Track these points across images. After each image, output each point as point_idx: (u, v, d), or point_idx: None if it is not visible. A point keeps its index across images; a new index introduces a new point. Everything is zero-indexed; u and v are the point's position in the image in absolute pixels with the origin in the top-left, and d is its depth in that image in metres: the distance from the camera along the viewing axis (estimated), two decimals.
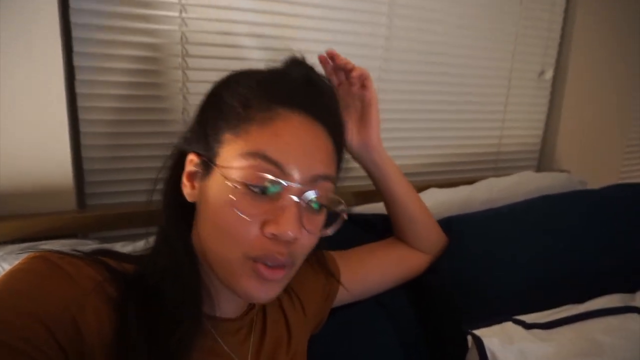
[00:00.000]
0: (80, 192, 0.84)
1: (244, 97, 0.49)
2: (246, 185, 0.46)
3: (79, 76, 0.79)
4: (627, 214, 1.03)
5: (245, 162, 0.46)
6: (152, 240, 0.55)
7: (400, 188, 0.78)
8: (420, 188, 1.10)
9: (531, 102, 1.35)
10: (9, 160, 0.74)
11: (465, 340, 0.72)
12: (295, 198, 0.47)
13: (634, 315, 0.78)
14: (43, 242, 0.72)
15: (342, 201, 0.52)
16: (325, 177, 0.50)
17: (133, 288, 0.47)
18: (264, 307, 0.62)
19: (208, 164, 0.49)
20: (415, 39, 1.12)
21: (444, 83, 1.19)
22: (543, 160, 1.40)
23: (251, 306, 0.60)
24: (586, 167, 1.41)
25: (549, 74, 1.32)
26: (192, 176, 0.52)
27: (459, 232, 0.89)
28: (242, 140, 0.47)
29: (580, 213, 1.01)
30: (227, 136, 0.49)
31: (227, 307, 0.55)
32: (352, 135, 0.75)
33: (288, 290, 0.66)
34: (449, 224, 0.91)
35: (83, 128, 0.82)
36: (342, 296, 0.73)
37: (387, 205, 0.81)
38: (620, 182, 1.14)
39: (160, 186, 0.56)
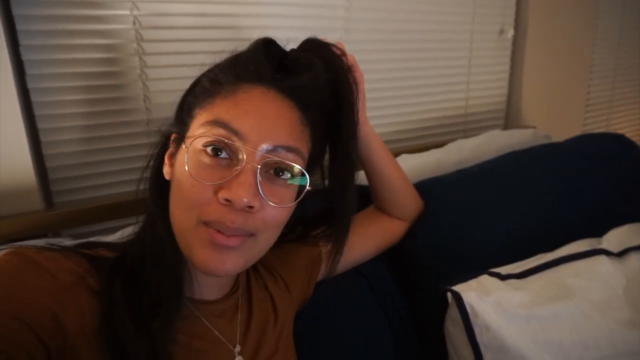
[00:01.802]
0: (46, 191, 0.82)
1: (214, 75, 0.52)
2: (203, 151, 0.47)
3: (30, 71, 0.76)
4: (590, 163, 1.07)
5: (204, 130, 0.48)
6: (136, 227, 0.56)
7: (382, 159, 0.78)
8: (396, 154, 1.11)
9: (494, 62, 1.37)
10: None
11: (445, 298, 0.75)
12: (252, 164, 0.47)
13: (602, 257, 0.82)
14: (13, 243, 0.71)
15: (306, 174, 0.51)
16: (288, 148, 0.49)
17: (114, 274, 0.47)
18: (249, 288, 0.62)
19: (179, 139, 0.52)
20: (375, 7, 1.11)
21: (407, 50, 1.19)
22: (509, 118, 1.43)
23: (235, 287, 0.60)
24: (551, 122, 1.44)
25: (510, 33, 1.34)
26: (170, 155, 0.54)
27: (431, 196, 0.91)
28: (206, 111, 0.50)
29: (546, 167, 1.04)
30: (196, 111, 0.51)
31: (211, 290, 0.56)
32: None
33: (271, 270, 0.67)
34: (421, 188, 0.92)
35: (40, 124, 0.79)
36: (324, 271, 0.74)
37: (368, 176, 0.81)
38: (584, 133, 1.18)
39: (147, 173, 0.57)
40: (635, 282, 0.78)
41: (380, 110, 1.19)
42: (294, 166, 0.50)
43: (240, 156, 0.47)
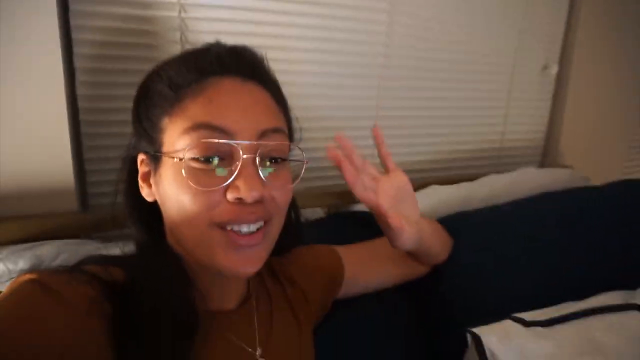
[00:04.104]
0: (83, 193, 0.85)
1: (170, 79, 0.49)
2: (197, 160, 0.46)
3: (80, 77, 0.80)
4: (628, 211, 1.03)
5: (189, 138, 0.46)
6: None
7: (429, 238, 0.75)
8: (422, 185, 1.10)
9: (534, 98, 1.34)
10: (11, 161, 0.75)
11: (465, 338, 0.73)
12: (250, 156, 0.47)
13: (635, 313, 0.78)
14: (45, 241, 0.73)
15: (301, 149, 0.52)
16: (275, 130, 0.50)
17: (126, 300, 0.46)
18: (266, 290, 0.62)
19: (156, 156, 0.49)
20: (416, 35, 1.11)
21: (446, 79, 1.18)
22: (546, 156, 1.39)
23: (248, 294, 0.60)
24: (589, 164, 1.39)
25: (553, 69, 1.31)
26: (146, 176, 0.52)
27: (460, 232, 0.89)
28: (179, 119, 0.47)
29: (581, 210, 1.01)
30: (165, 122, 0.48)
31: (227, 298, 0.56)
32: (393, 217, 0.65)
33: (292, 280, 0.67)
34: (451, 222, 0.90)
35: (84, 129, 0.82)
36: (343, 291, 0.74)
37: None
38: (623, 178, 1.13)
39: (121, 199, 0.56)
40: None
41: (414, 138, 1.19)
42: (287, 145, 0.51)
43: (235, 152, 0.46)
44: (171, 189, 0.48)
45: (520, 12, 1.24)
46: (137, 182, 0.54)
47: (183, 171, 0.46)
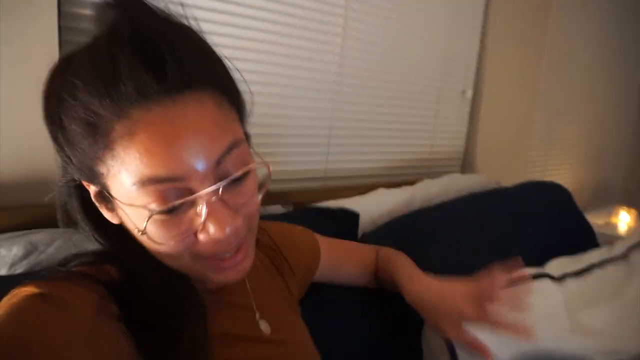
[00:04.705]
0: None
1: (84, 119, 0.39)
2: (158, 212, 0.40)
3: None
4: (532, 207, 1.28)
5: (140, 194, 0.40)
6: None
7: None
8: (371, 187, 1.27)
9: (455, 116, 1.59)
10: (10, 150, 0.76)
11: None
12: (212, 194, 0.41)
13: (546, 280, 0.99)
14: (39, 229, 0.74)
15: (260, 155, 0.46)
16: (231, 147, 0.42)
17: (129, 297, 0.44)
18: (258, 266, 0.64)
19: (103, 195, 0.43)
20: (365, 58, 1.30)
21: (389, 97, 1.39)
22: (465, 164, 1.65)
23: None
24: (499, 169, 1.67)
25: (469, 93, 1.57)
26: (100, 199, 0.45)
27: (412, 229, 1.06)
28: (118, 172, 0.40)
29: (497, 207, 1.24)
30: (99, 169, 0.41)
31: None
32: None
33: (278, 251, 0.70)
34: (406, 220, 1.07)
35: None
36: (317, 277, 0.78)
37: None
38: (525, 179, 1.41)
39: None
40: (572, 300, 0.96)
41: (364, 147, 1.36)
42: (247, 152, 0.45)
43: (194, 195, 0.40)
44: (139, 236, 0.43)
45: (443, 46, 1.49)
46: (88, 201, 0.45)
47: (150, 227, 0.41)
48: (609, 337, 0.90)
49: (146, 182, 0.39)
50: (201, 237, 0.42)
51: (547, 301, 0.94)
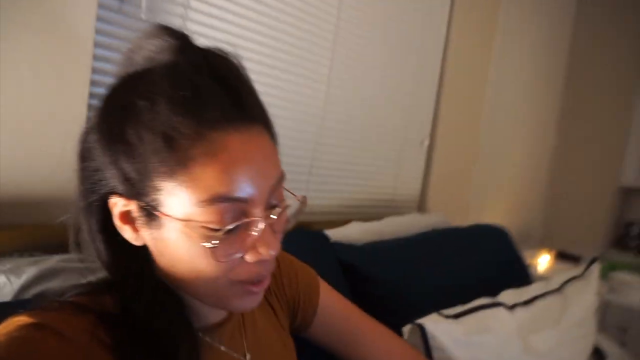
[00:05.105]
0: None
1: (164, 133, 0.41)
2: (217, 230, 0.42)
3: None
4: (482, 245, 1.48)
5: (205, 210, 0.42)
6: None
7: None
8: (346, 221, 1.39)
9: (414, 163, 1.79)
10: (27, 170, 0.78)
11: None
12: (266, 223, 0.45)
13: (500, 308, 1.16)
14: (49, 256, 0.74)
15: (292, 192, 0.51)
16: (280, 179, 0.47)
17: (122, 329, 0.44)
18: None
19: (151, 212, 0.44)
20: (344, 111, 1.46)
21: (362, 143, 1.55)
22: (422, 204, 1.83)
23: None
24: (446, 209, 1.87)
25: (426, 143, 1.78)
26: (128, 219, 0.46)
27: (383, 258, 1.18)
28: (187, 187, 0.42)
29: (454, 245, 1.42)
30: (165, 184, 0.42)
31: (212, 314, 0.55)
32: None
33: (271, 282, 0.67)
34: (380, 250, 1.19)
35: None
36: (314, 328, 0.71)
37: None
38: (467, 220, 1.61)
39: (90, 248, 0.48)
40: (523, 326, 1.12)
41: (340, 186, 1.51)
42: (283, 198, 0.49)
43: (254, 218, 0.44)
44: (185, 252, 0.44)
45: (405, 102, 1.70)
46: (107, 223, 0.46)
47: (205, 245, 0.43)
48: (554, 359, 1.07)
49: (216, 200, 0.42)
50: (249, 257, 0.45)
51: (503, 326, 1.09)
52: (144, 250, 0.47)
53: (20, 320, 0.40)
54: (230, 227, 0.43)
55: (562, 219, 2.71)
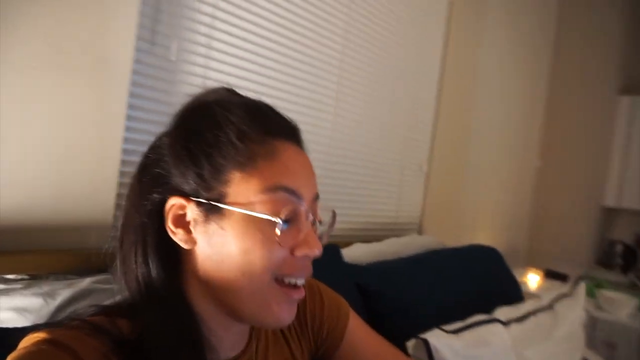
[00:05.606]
0: None
1: (239, 131, 0.49)
2: (273, 221, 0.48)
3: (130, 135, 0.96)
4: (478, 264, 1.58)
5: (268, 197, 0.48)
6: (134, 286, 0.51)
7: None
8: (349, 243, 1.48)
9: (414, 188, 1.90)
10: (58, 194, 0.84)
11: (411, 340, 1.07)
12: (312, 218, 0.52)
13: (497, 324, 1.25)
14: (81, 278, 0.79)
15: (324, 205, 0.57)
16: (317, 196, 0.55)
17: (137, 354, 0.46)
18: (265, 333, 0.63)
19: (213, 207, 0.48)
20: (350, 139, 1.57)
21: (365, 171, 1.66)
22: (421, 226, 1.94)
23: (250, 338, 0.60)
24: (440, 231, 1.97)
25: (424, 168, 1.89)
26: (182, 222, 0.50)
27: (387, 277, 1.28)
28: (254, 177, 0.49)
29: (453, 263, 1.51)
30: (234, 175, 0.49)
31: (229, 347, 0.56)
32: None
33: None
34: (381, 269, 1.29)
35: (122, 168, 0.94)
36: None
37: None
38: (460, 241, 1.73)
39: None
40: (517, 341, 1.22)
41: (345, 210, 1.60)
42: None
43: (302, 214, 0.51)
44: (240, 243, 0.48)
45: (404, 132, 1.82)
46: (157, 226, 0.50)
47: (264, 231, 0.48)
48: None
49: (278, 189, 0.49)
50: (298, 252, 0.50)
51: (499, 341, 1.19)
52: (186, 265, 0.51)
53: (38, 336, 0.43)
54: (287, 217, 0.49)
55: (547, 238, 2.83)
